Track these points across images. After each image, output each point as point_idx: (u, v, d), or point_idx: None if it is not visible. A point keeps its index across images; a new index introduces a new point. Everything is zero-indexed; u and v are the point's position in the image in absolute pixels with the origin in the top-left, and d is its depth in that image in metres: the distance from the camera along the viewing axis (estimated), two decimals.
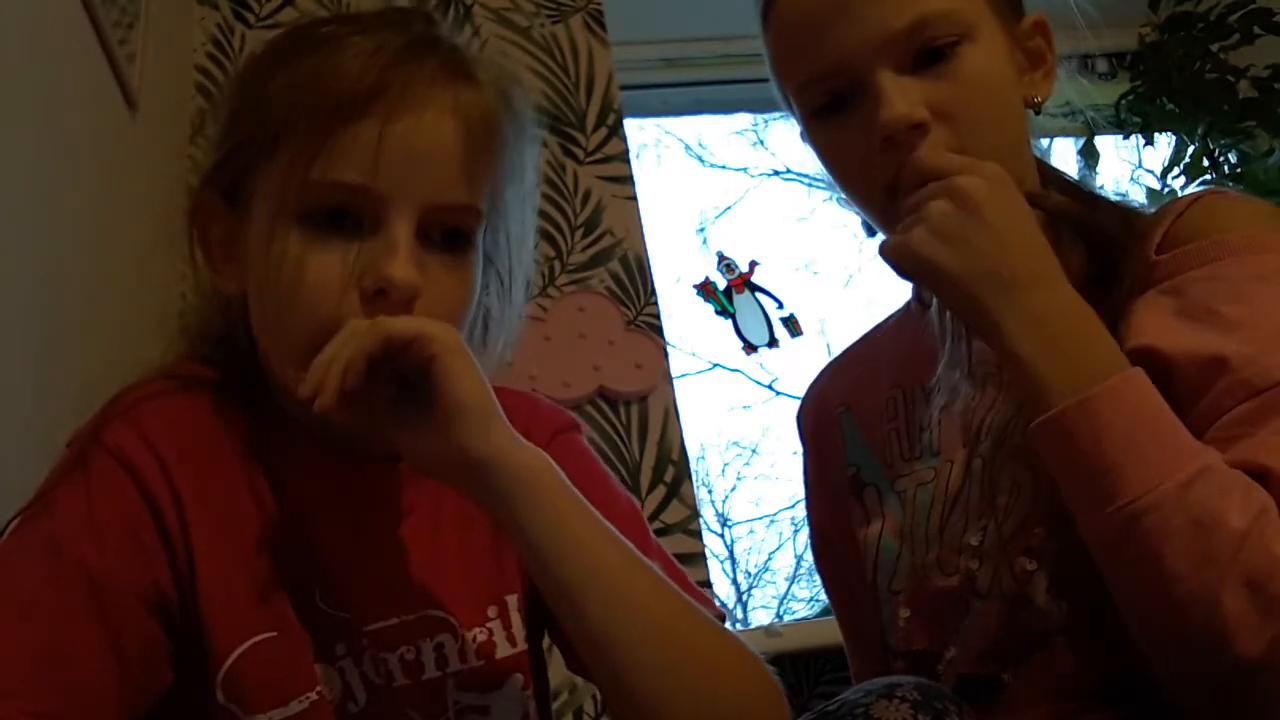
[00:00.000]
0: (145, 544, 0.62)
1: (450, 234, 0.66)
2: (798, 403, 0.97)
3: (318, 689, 0.65)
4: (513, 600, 0.73)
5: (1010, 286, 0.64)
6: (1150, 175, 2.16)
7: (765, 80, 0.84)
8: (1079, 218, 0.73)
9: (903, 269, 0.69)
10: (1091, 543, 0.62)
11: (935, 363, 0.81)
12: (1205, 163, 2.09)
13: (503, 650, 0.71)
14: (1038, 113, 0.77)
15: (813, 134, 0.79)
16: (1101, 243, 0.72)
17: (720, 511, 2.86)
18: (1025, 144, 0.76)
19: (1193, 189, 2.07)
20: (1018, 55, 0.75)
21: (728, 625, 0.67)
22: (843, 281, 2.59)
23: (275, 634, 0.64)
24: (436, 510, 0.73)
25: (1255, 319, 0.63)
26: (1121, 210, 0.76)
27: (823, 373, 0.96)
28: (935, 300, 0.78)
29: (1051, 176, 0.79)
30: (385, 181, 0.63)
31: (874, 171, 0.72)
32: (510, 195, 0.72)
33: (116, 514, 0.62)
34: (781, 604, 2.79)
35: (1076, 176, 0.83)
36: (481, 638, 0.70)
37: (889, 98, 0.70)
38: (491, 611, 0.72)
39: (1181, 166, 2.09)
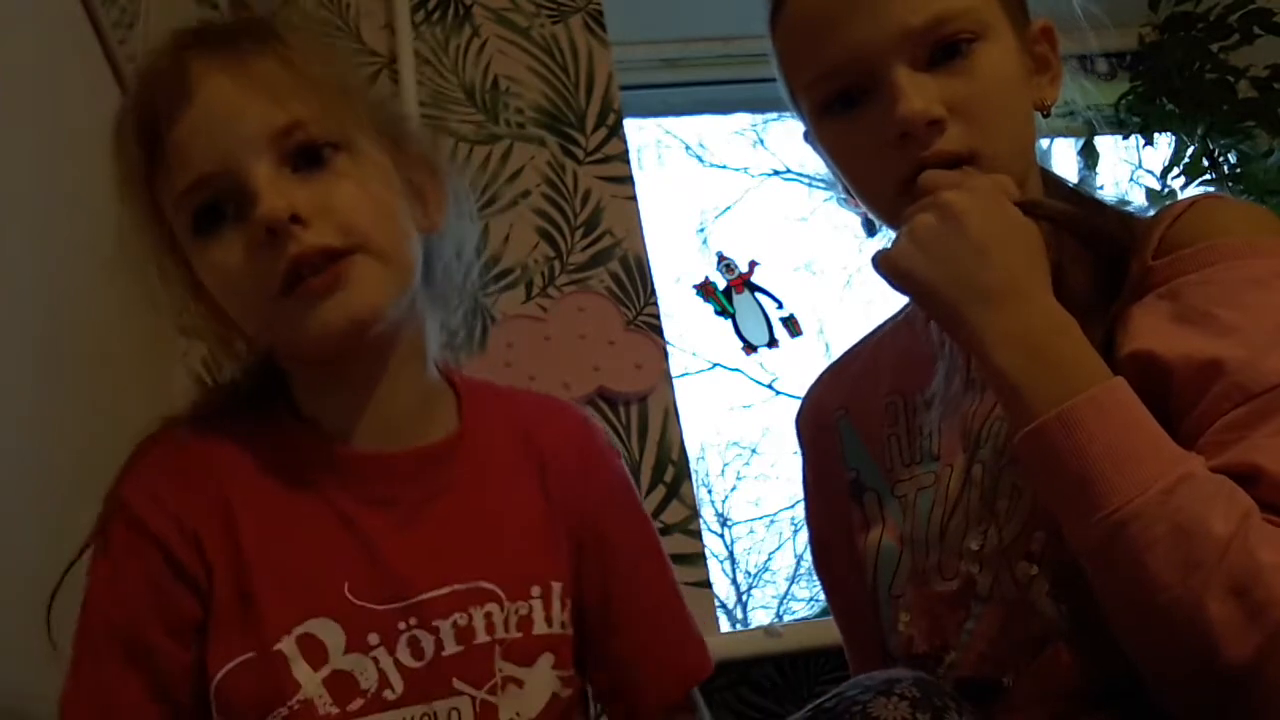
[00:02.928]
0: (166, 591, 0.69)
1: (306, 152, 0.69)
2: (797, 406, 0.97)
3: (299, 698, 0.67)
4: (557, 587, 0.75)
5: (988, 299, 0.64)
6: (1150, 175, 2.16)
7: (765, 80, 0.84)
8: (1080, 222, 0.73)
9: (890, 280, 0.70)
10: (1079, 553, 0.62)
11: (934, 368, 0.81)
12: (1205, 163, 2.08)
13: (539, 628, 0.73)
14: (1046, 116, 0.77)
15: (821, 131, 0.78)
16: (1106, 248, 0.72)
17: (720, 511, 2.86)
18: (1033, 146, 0.77)
19: (1193, 189, 2.07)
20: (1027, 59, 0.76)
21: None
22: (843, 281, 2.59)
23: (253, 655, 0.68)
24: (482, 492, 0.76)
25: (1250, 323, 0.63)
26: (1122, 216, 0.76)
27: (821, 377, 0.96)
28: None
29: (1053, 182, 0.79)
30: (211, 160, 0.68)
31: (886, 168, 0.72)
32: (364, 92, 0.77)
33: (138, 575, 0.69)
34: (781, 604, 2.79)
35: (1077, 179, 0.83)
36: (524, 611, 0.73)
37: (906, 93, 0.70)
38: (535, 590, 0.74)
39: (1181, 166, 2.08)
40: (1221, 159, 2.08)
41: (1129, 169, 2.25)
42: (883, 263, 0.69)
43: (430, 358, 0.78)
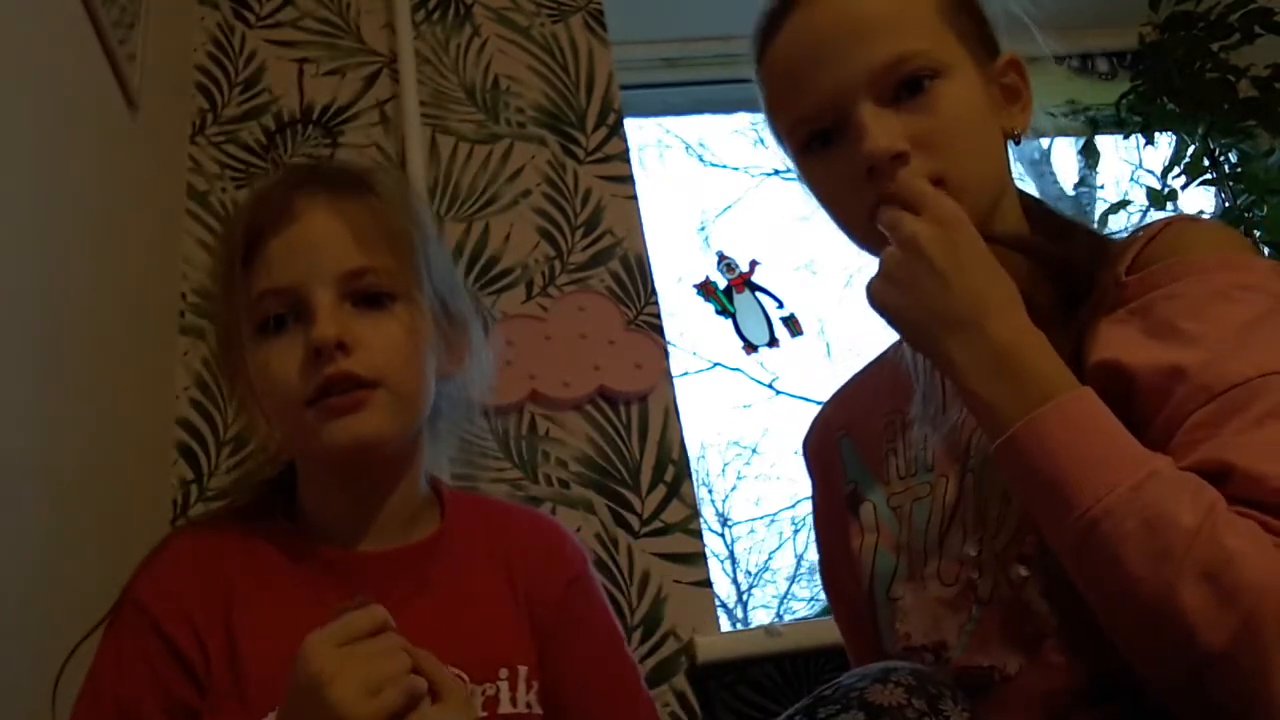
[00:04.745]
0: (165, 676, 0.77)
1: (369, 295, 0.81)
2: (803, 435, 1.00)
3: None
4: (524, 670, 0.83)
5: (957, 325, 0.68)
6: (1151, 175, 2.16)
7: None
8: (1039, 250, 0.77)
9: (874, 311, 0.74)
10: (1059, 554, 0.64)
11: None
12: (1206, 162, 2.08)
13: (504, 707, 0.81)
14: (1018, 143, 0.80)
15: (804, 169, 0.83)
16: (1064, 269, 0.75)
17: (720, 511, 2.86)
18: (1006, 172, 0.80)
19: (1193, 188, 2.07)
20: (993, 90, 0.79)
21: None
22: (843, 281, 2.59)
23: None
24: (457, 586, 0.85)
25: (1213, 331, 0.65)
26: (1094, 239, 0.79)
27: (825, 404, 0.99)
28: None
29: (1032, 205, 0.82)
30: (288, 276, 0.80)
31: (857, 201, 0.76)
32: (428, 256, 0.87)
33: (138, 654, 0.78)
34: (781, 604, 2.79)
35: (1077, 178, 0.86)
36: (490, 692, 0.81)
37: (870, 130, 0.74)
38: (502, 673, 0.82)
39: (1182, 166, 2.08)
40: (1222, 158, 2.08)
41: (1130, 168, 2.25)
42: (867, 294, 0.74)
43: (424, 475, 0.90)
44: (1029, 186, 0.88)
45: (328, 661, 0.65)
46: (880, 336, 0.98)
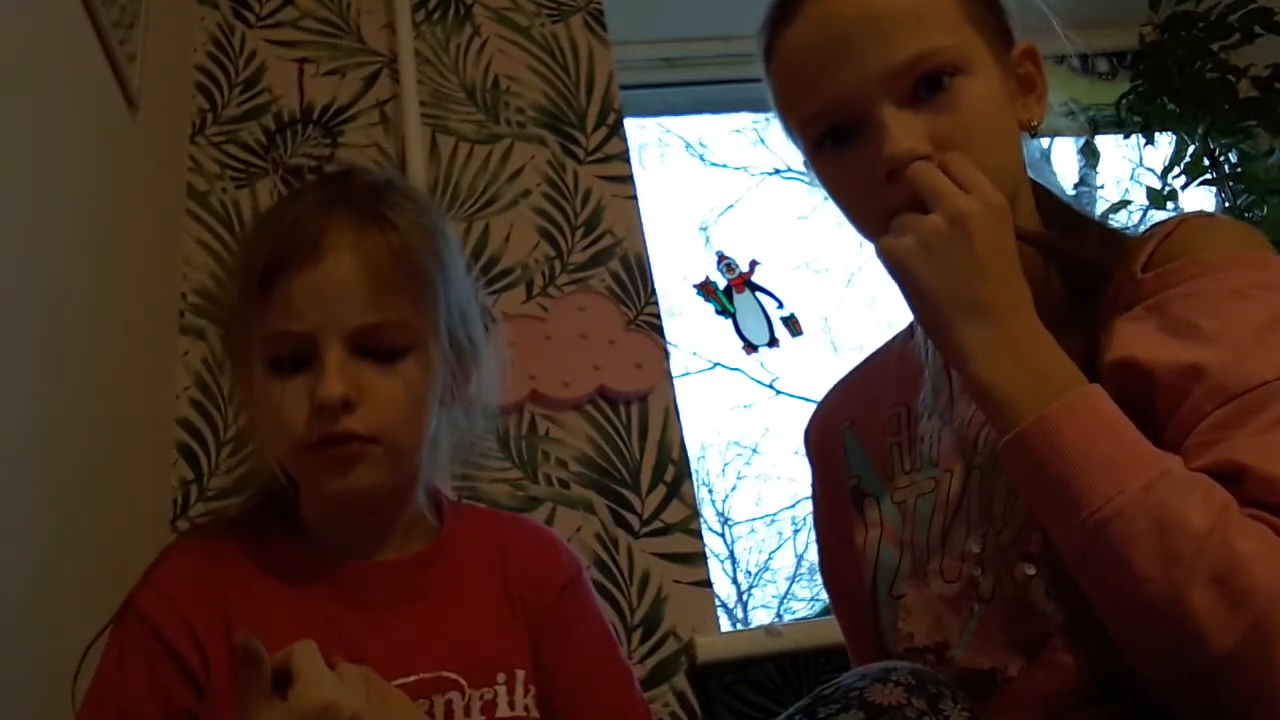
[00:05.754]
0: (166, 683, 0.78)
1: (381, 347, 0.81)
2: (806, 421, 1.00)
3: None
4: (521, 675, 0.84)
5: (979, 313, 0.67)
6: (1151, 174, 2.16)
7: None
8: (1057, 247, 0.76)
9: (890, 272, 0.72)
10: (1065, 554, 0.64)
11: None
12: (1206, 162, 2.08)
13: (503, 710, 0.82)
14: (1034, 135, 0.79)
15: (817, 165, 0.81)
16: (1081, 269, 0.74)
17: (720, 511, 2.85)
18: (1022, 166, 0.79)
19: (1193, 188, 2.07)
20: (1010, 82, 0.78)
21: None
22: (844, 280, 2.58)
23: None
24: (454, 594, 0.86)
25: (1230, 330, 0.65)
26: (1108, 234, 0.78)
27: (829, 393, 0.98)
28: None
29: (1045, 198, 0.81)
30: (304, 322, 0.80)
31: (876, 203, 0.74)
32: (447, 295, 0.86)
33: (139, 660, 0.79)
34: (781, 604, 2.79)
35: (1078, 177, 0.85)
36: (487, 696, 0.82)
37: (892, 132, 0.72)
38: (500, 678, 0.83)
39: (1182, 166, 2.08)
40: (1222, 158, 2.08)
41: (1130, 168, 2.25)
42: (888, 253, 0.71)
43: (423, 487, 0.90)
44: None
45: None
46: (879, 335, 0.98)
